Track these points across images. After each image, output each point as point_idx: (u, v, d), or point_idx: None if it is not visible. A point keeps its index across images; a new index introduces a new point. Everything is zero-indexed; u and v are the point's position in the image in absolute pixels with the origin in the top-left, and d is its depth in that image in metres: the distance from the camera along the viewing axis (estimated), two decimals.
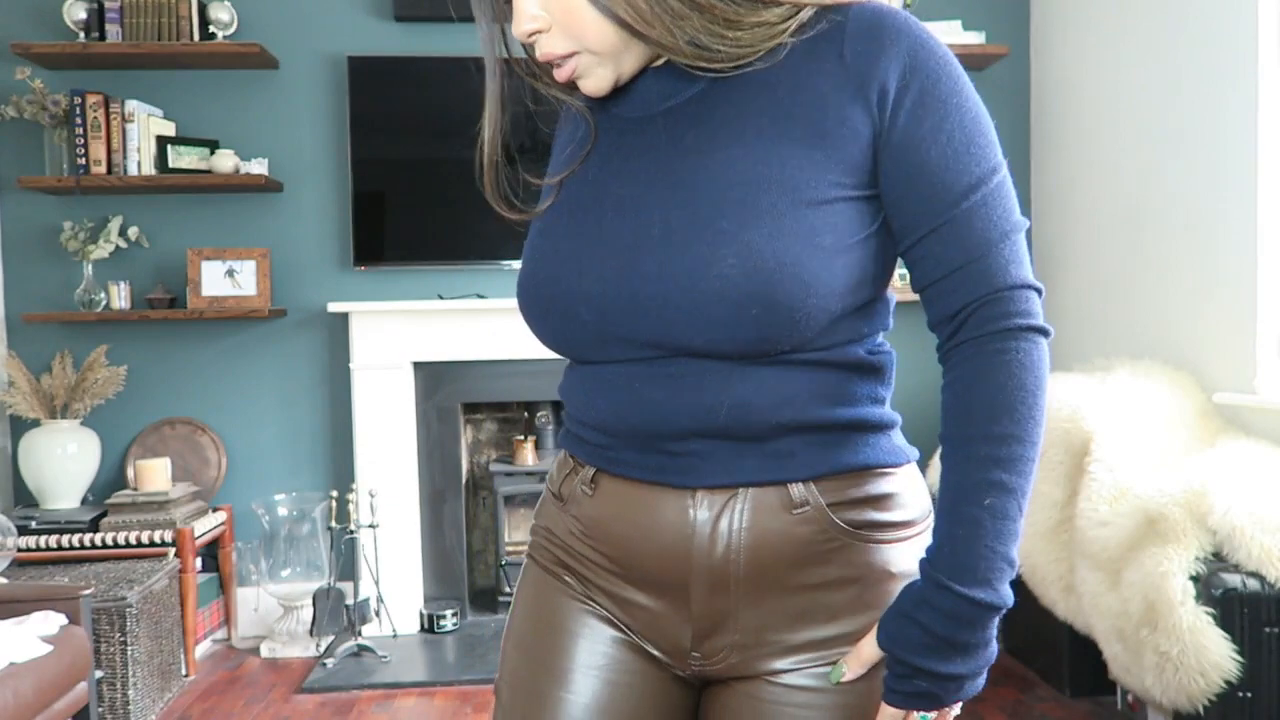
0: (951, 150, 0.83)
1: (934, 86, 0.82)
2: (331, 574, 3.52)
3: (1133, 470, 2.56)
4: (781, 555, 0.85)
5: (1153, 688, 2.25)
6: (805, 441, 0.85)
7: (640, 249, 0.82)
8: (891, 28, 0.82)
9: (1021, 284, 0.82)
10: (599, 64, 0.86)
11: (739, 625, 0.87)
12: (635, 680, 0.91)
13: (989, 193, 0.84)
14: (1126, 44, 3.30)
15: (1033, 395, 0.81)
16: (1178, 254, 3.07)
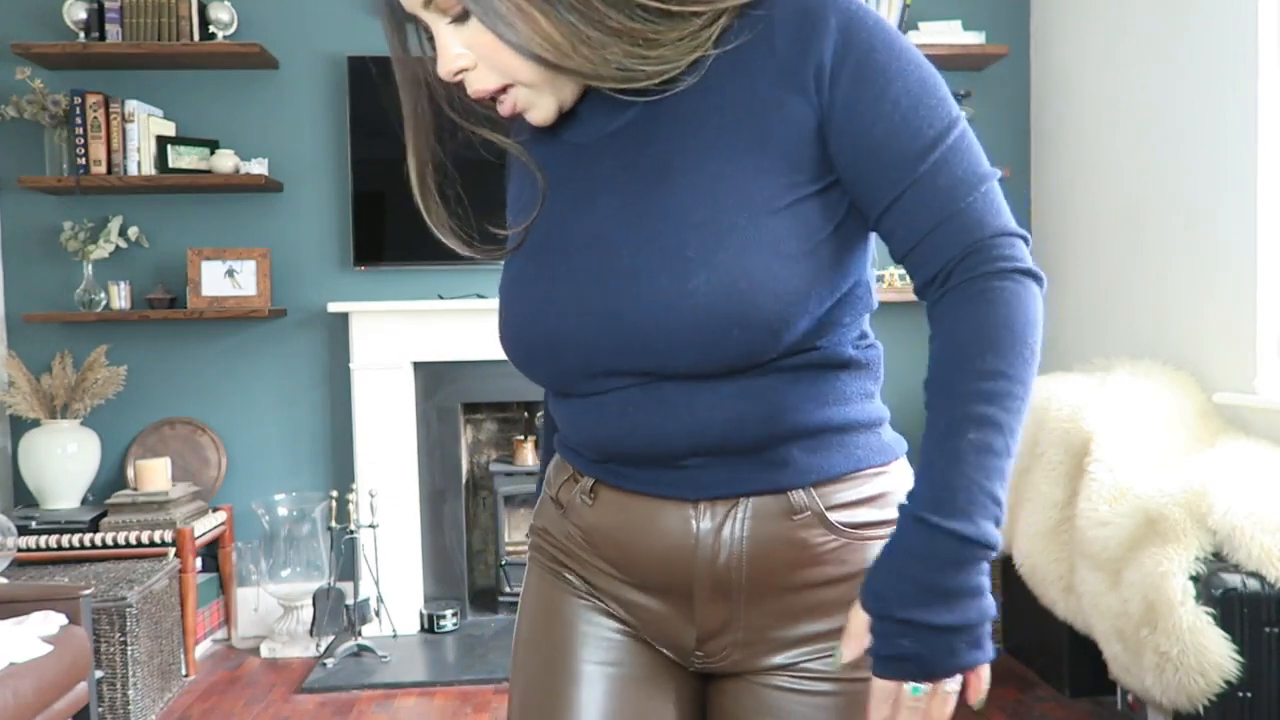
0: (899, 116, 0.80)
1: (869, 56, 0.80)
2: (331, 574, 3.52)
3: (1133, 470, 2.56)
4: (782, 559, 0.86)
5: (1153, 688, 2.25)
6: (801, 447, 0.85)
7: (613, 285, 0.82)
8: (818, 6, 0.81)
9: (1002, 231, 0.80)
10: (537, 94, 0.85)
11: (741, 625, 0.88)
12: (643, 674, 0.91)
13: (947, 150, 0.80)
14: (1126, 44, 3.30)
15: (1022, 333, 0.77)
16: (1178, 254, 3.07)
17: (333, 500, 3.56)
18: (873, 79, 0.80)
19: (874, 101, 0.80)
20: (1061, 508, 2.75)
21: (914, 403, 3.28)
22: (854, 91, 0.80)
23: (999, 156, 3.88)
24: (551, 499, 0.97)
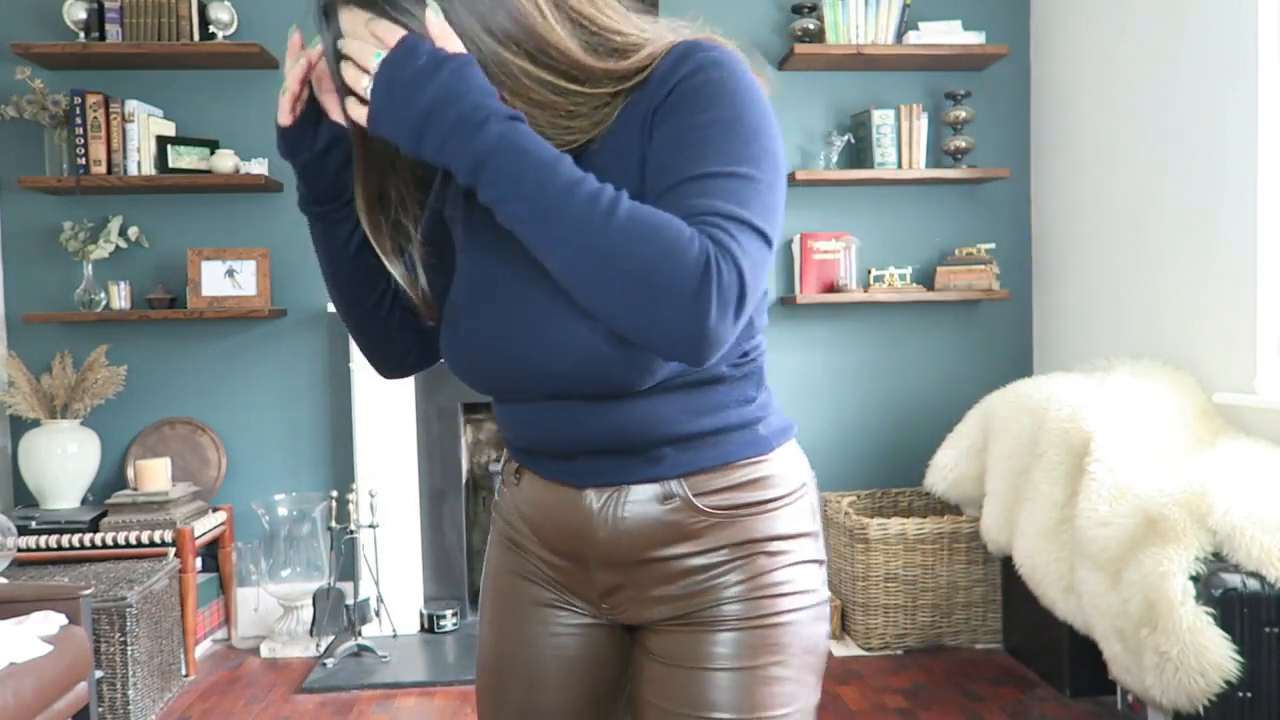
0: (688, 139, 0.88)
1: (697, 89, 0.89)
2: (331, 574, 3.52)
3: (1133, 470, 2.56)
4: (656, 536, 1.03)
5: (1153, 688, 2.25)
6: (675, 448, 1.01)
7: (527, 330, 0.97)
8: (690, 54, 0.91)
9: (739, 216, 0.85)
10: None
11: (631, 585, 1.06)
12: (575, 638, 1.12)
13: (708, 184, 0.86)
14: (1126, 44, 3.30)
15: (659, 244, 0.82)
16: (1178, 254, 3.07)
17: (333, 500, 3.56)
18: (687, 107, 0.89)
19: (678, 120, 0.89)
20: (1061, 508, 2.75)
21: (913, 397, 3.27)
22: (669, 115, 0.90)
23: (999, 156, 3.88)
24: (502, 476, 1.18)
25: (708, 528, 1.02)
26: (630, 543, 1.03)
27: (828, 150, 3.75)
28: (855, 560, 3.36)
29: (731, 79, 0.90)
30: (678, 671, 1.04)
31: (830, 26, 3.66)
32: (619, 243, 0.82)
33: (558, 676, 1.12)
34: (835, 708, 2.89)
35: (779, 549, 1.04)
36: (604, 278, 0.84)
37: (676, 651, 1.05)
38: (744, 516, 1.03)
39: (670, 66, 0.92)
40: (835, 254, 3.74)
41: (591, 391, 0.97)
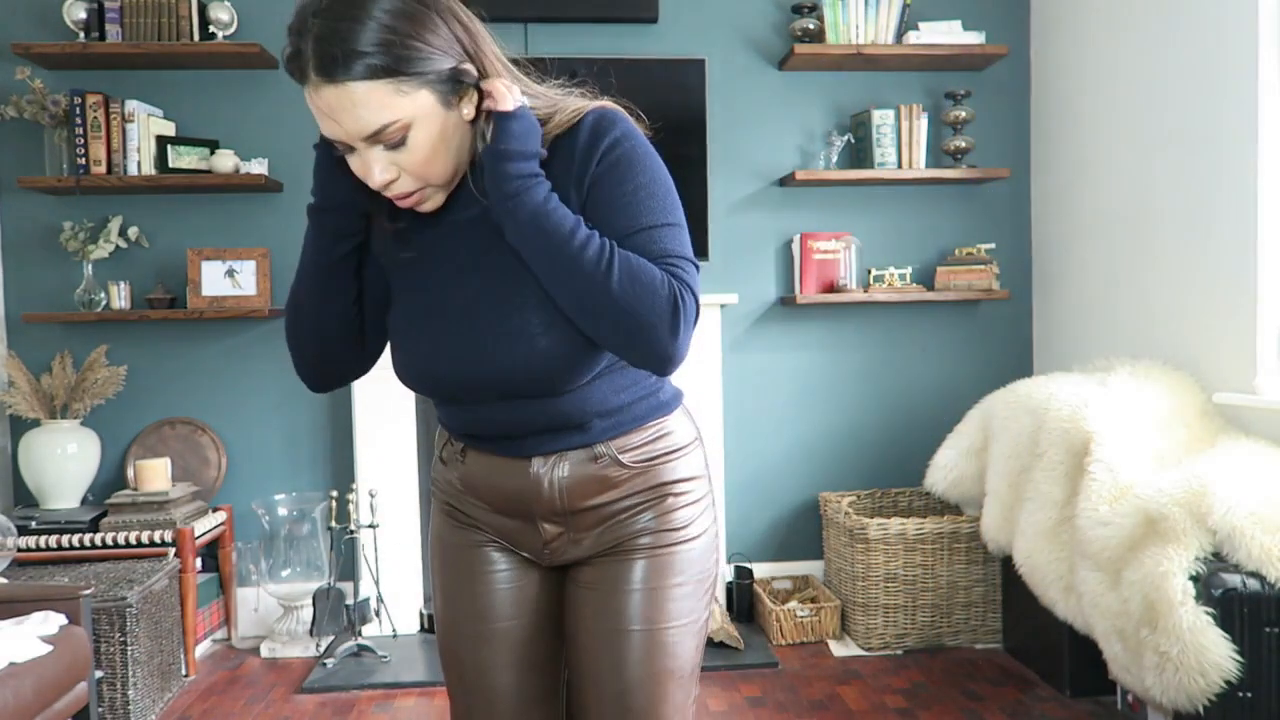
0: (623, 202, 1.17)
1: (615, 163, 1.17)
2: (331, 574, 3.52)
3: (1133, 470, 2.56)
4: (591, 489, 1.29)
5: (1153, 688, 2.25)
6: (601, 419, 1.28)
7: (480, 345, 1.20)
8: (603, 132, 1.18)
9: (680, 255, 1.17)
10: (436, 191, 1.20)
11: (570, 530, 1.32)
12: (514, 574, 1.37)
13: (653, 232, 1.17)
14: (1126, 44, 3.30)
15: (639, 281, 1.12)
16: (1178, 254, 3.07)
17: (333, 500, 3.56)
18: (614, 174, 1.17)
19: (611, 186, 1.17)
20: (1061, 507, 2.75)
21: (913, 397, 3.28)
22: (601, 179, 1.17)
23: (999, 156, 3.88)
24: (438, 457, 1.40)
25: (629, 478, 1.30)
26: (569, 497, 1.29)
27: (828, 150, 3.75)
28: (855, 560, 3.36)
29: (639, 147, 1.19)
30: (599, 594, 1.31)
31: (830, 26, 3.66)
32: (617, 289, 1.11)
33: (504, 607, 1.35)
34: (835, 708, 2.89)
35: (682, 490, 1.33)
36: (603, 314, 1.12)
37: (599, 578, 1.32)
38: (655, 465, 1.31)
39: (589, 140, 1.18)
40: (835, 254, 3.74)
41: (538, 393, 1.22)
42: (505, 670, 1.34)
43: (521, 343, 1.18)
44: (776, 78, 3.81)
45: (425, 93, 1.11)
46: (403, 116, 1.10)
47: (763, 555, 3.87)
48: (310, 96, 1.10)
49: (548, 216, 1.12)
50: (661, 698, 1.29)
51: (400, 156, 1.13)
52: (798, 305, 3.77)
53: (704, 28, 3.77)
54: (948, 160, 3.82)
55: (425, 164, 1.14)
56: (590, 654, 1.31)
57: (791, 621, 3.43)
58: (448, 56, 1.12)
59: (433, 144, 1.13)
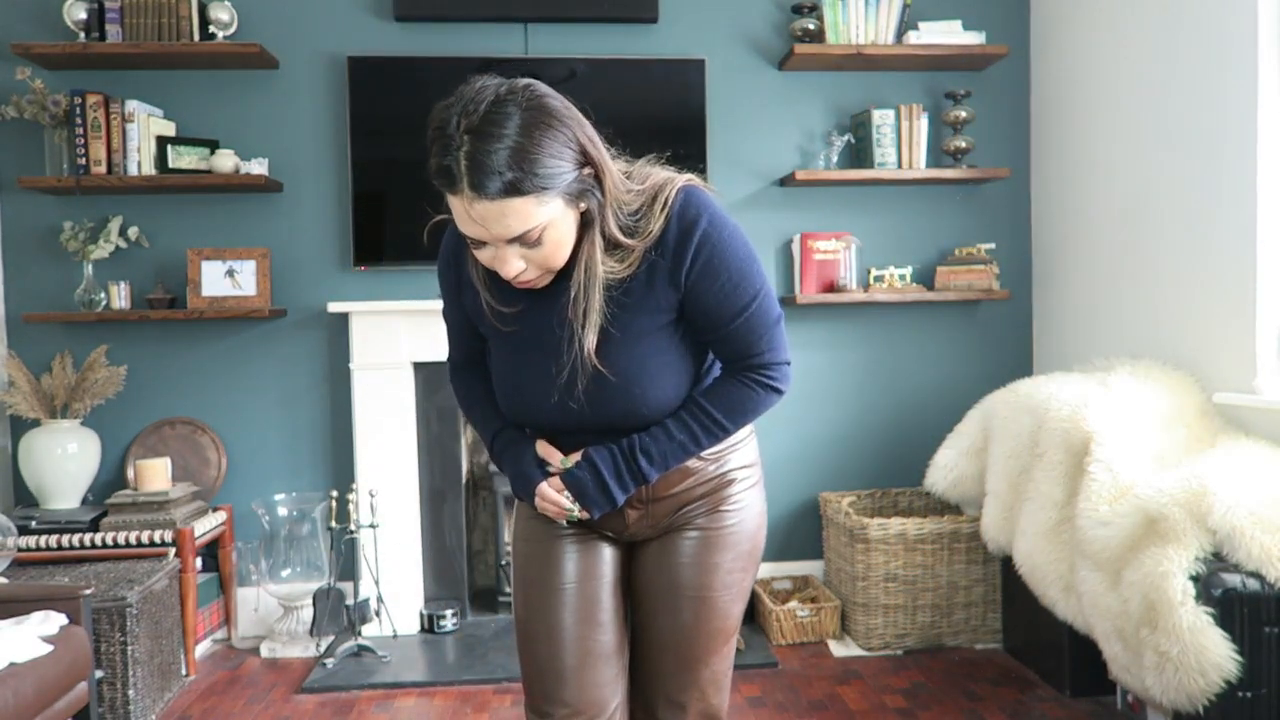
0: (721, 297, 1.41)
1: (708, 262, 1.39)
2: (331, 574, 3.52)
3: (1133, 470, 2.56)
4: (673, 479, 1.52)
5: (1153, 688, 2.25)
6: None
7: (583, 400, 1.43)
8: (689, 229, 1.38)
9: (775, 361, 1.49)
10: (549, 275, 1.39)
11: (649, 515, 1.54)
12: (594, 544, 1.58)
13: (750, 315, 1.43)
14: (1126, 44, 3.30)
15: (743, 413, 1.49)
16: (1177, 254, 3.07)
17: (333, 500, 3.56)
18: (710, 273, 1.39)
19: (709, 287, 1.40)
20: (1061, 508, 2.75)
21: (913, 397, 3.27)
22: (700, 282, 1.40)
23: (999, 156, 3.88)
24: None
25: (703, 468, 1.53)
26: (654, 487, 1.51)
27: (828, 150, 3.75)
28: (855, 560, 3.36)
29: (720, 233, 1.39)
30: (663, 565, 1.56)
31: (830, 26, 3.66)
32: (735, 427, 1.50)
33: (574, 570, 1.55)
34: (835, 708, 2.89)
35: (741, 476, 1.58)
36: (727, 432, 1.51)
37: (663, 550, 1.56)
38: (724, 454, 1.55)
39: (679, 235, 1.38)
40: (835, 254, 3.74)
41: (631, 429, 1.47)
42: (574, 625, 1.52)
43: (627, 400, 1.43)
44: (776, 78, 3.81)
45: (558, 200, 1.29)
46: (542, 222, 1.29)
47: (763, 555, 3.86)
48: (457, 203, 1.27)
49: (666, 464, 1.47)
50: (712, 650, 1.57)
51: (533, 252, 1.32)
52: (798, 305, 3.77)
53: (704, 28, 3.77)
54: (948, 160, 3.82)
55: (553, 257, 1.34)
56: (652, 614, 1.56)
57: (792, 621, 3.43)
58: (573, 166, 1.30)
59: (561, 239, 1.33)
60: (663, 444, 1.45)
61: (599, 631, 1.54)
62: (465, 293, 1.52)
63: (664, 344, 1.43)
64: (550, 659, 1.52)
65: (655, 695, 1.60)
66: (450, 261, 1.53)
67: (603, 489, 1.46)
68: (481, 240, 1.31)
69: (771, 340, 1.46)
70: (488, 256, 1.33)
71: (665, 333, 1.43)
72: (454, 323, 1.60)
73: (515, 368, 1.48)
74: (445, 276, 1.55)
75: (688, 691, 1.58)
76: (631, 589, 1.60)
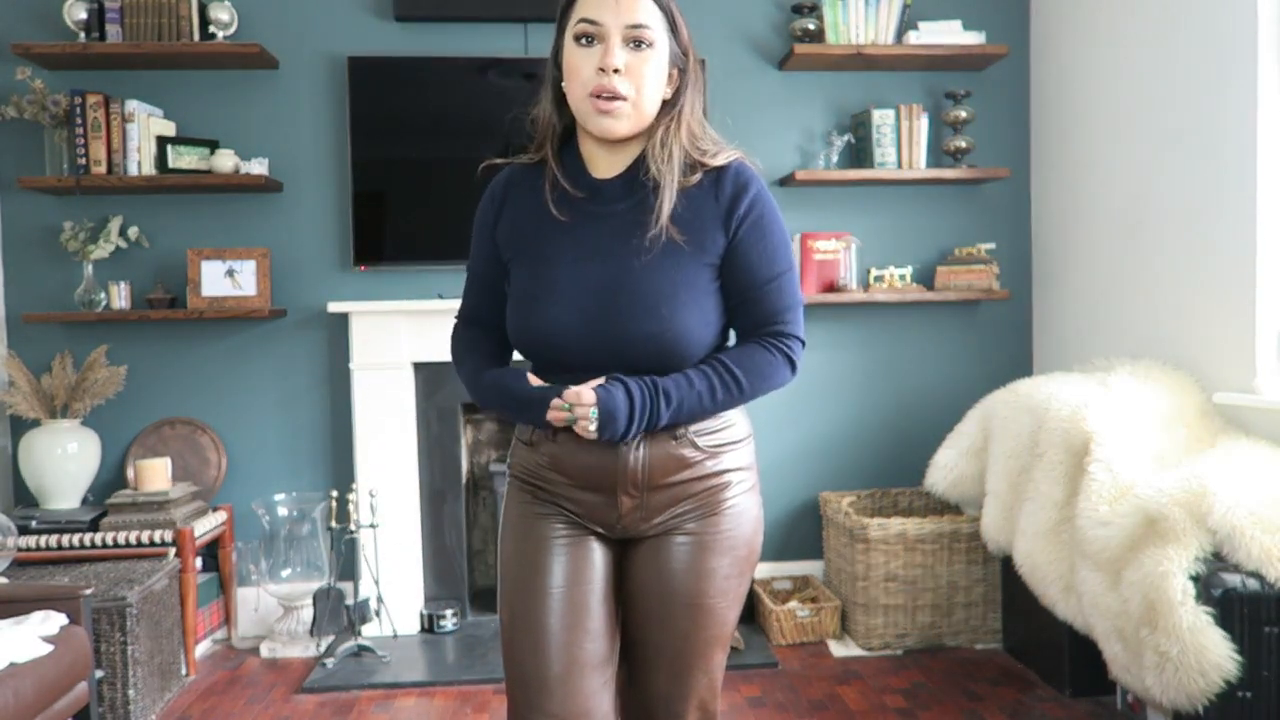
0: (766, 254, 1.49)
1: (761, 218, 1.49)
2: (331, 574, 3.52)
3: (1133, 470, 2.56)
4: (669, 466, 1.48)
5: (1153, 688, 2.25)
6: None
7: (616, 322, 1.43)
8: (746, 185, 1.48)
9: (796, 334, 1.51)
10: (631, 114, 1.44)
11: (643, 506, 1.50)
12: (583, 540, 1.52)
13: (782, 280, 1.50)
14: (1126, 44, 3.30)
15: (760, 376, 1.48)
16: (1177, 254, 3.07)
17: (333, 500, 3.56)
18: (759, 230, 1.48)
19: (755, 242, 1.48)
20: (1061, 508, 2.75)
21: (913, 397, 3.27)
22: (748, 234, 1.48)
23: (999, 156, 3.88)
24: (524, 442, 1.56)
25: (700, 460, 1.49)
26: (650, 472, 1.47)
27: (828, 150, 3.75)
28: (855, 560, 3.36)
29: (770, 203, 1.50)
30: (655, 568, 1.51)
31: (830, 26, 3.66)
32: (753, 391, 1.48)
33: (565, 574, 1.49)
34: (835, 708, 2.89)
35: (739, 478, 1.53)
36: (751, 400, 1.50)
37: (656, 553, 1.51)
38: (721, 452, 1.51)
39: (734, 189, 1.47)
40: (835, 254, 3.74)
41: (653, 367, 1.43)
42: (561, 631, 1.47)
43: (652, 320, 1.42)
44: (776, 78, 3.81)
45: (666, 39, 1.45)
46: (657, 33, 1.44)
47: (763, 555, 3.84)
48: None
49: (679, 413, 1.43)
50: (709, 656, 1.54)
51: (634, 60, 1.42)
52: None
53: (704, 28, 3.77)
54: (948, 160, 3.82)
55: (644, 78, 1.43)
56: (645, 621, 1.52)
57: (791, 621, 3.43)
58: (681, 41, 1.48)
59: (656, 71, 1.44)
60: (682, 389, 1.42)
61: (587, 639, 1.47)
62: (501, 226, 1.55)
63: (700, 282, 1.45)
64: (536, 667, 1.46)
65: (653, 705, 1.56)
66: (498, 197, 1.56)
67: (629, 404, 1.39)
68: (600, 23, 1.41)
69: (796, 313, 1.51)
70: (595, 55, 1.41)
71: (703, 274, 1.46)
72: (477, 273, 1.59)
73: (548, 283, 1.47)
74: (485, 213, 1.57)
75: (686, 701, 1.55)
76: (623, 594, 1.55)
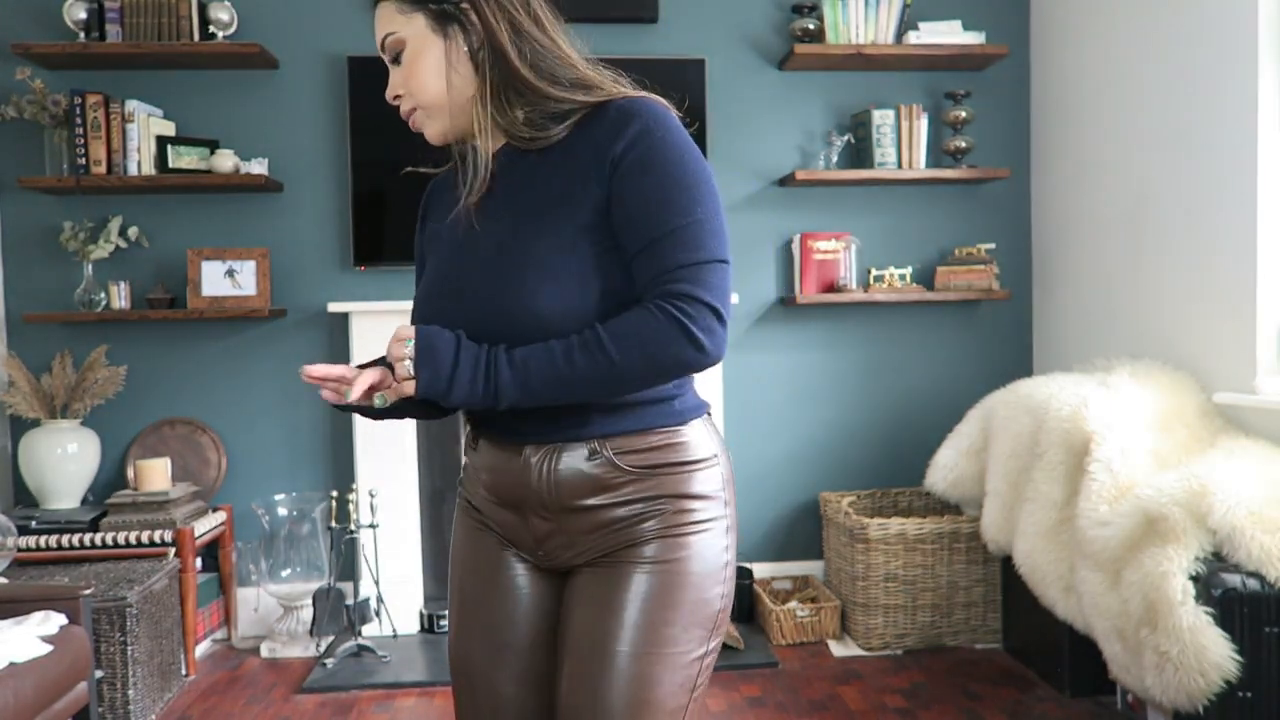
0: (650, 201, 1.17)
1: (641, 159, 1.17)
2: (331, 574, 3.52)
3: (1133, 470, 2.56)
4: (583, 487, 1.23)
5: (1153, 688, 2.25)
6: (601, 415, 1.22)
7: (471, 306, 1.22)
8: (626, 120, 1.18)
9: (695, 295, 1.15)
10: (429, 117, 1.27)
11: (561, 530, 1.26)
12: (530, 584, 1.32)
13: (682, 232, 1.16)
14: (1126, 44, 3.30)
15: (635, 342, 1.14)
16: (1178, 254, 3.07)
17: (333, 500, 3.56)
18: (644, 171, 1.17)
19: (640, 187, 1.17)
20: (1061, 508, 2.75)
21: (913, 397, 3.28)
22: (629, 179, 1.17)
23: (999, 156, 3.88)
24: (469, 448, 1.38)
25: (626, 482, 1.23)
26: (560, 492, 1.24)
27: (828, 150, 3.75)
28: (855, 560, 3.36)
29: (663, 139, 1.18)
30: (588, 608, 1.24)
31: (830, 26, 3.66)
32: (627, 366, 1.14)
33: (517, 617, 1.31)
34: (835, 708, 2.89)
35: (689, 506, 1.24)
36: (631, 384, 1.17)
37: (591, 590, 1.24)
38: (661, 474, 1.24)
39: (619, 118, 1.19)
40: (835, 254, 3.74)
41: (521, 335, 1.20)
42: (510, 683, 1.30)
43: (507, 298, 1.19)
44: (776, 78, 3.81)
45: (420, 17, 1.23)
46: (401, 34, 1.24)
47: (763, 555, 3.87)
48: None
49: (528, 378, 1.16)
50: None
51: (400, 74, 1.26)
52: (798, 305, 3.77)
53: (704, 28, 3.77)
54: (948, 160, 3.82)
55: (414, 83, 1.24)
56: (571, 673, 1.23)
57: (791, 621, 3.43)
58: (440, 5, 1.22)
59: (422, 67, 1.23)
60: (533, 348, 1.16)
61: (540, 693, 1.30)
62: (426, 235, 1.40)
63: (575, 245, 1.18)
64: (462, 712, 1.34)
65: None
66: (421, 209, 1.44)
67: (455, 344, 1.17)
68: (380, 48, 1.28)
69: (700, 272, 1.15)
70: None
71: (579, 239, 1.18)
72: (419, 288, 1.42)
73: (432, 278, 1.31)
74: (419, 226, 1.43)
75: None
76: (558, 637, 1.29)
